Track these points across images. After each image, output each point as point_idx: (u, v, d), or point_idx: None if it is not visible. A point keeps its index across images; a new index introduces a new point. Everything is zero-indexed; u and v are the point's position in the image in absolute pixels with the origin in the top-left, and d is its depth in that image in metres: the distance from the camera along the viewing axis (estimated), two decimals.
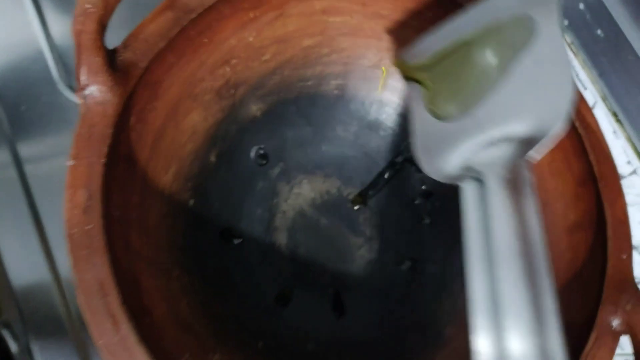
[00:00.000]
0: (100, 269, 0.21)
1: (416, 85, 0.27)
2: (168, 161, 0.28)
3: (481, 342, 0.19)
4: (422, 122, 0.25)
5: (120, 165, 0.24)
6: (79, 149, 0.22)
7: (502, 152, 0.21)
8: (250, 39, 0.29)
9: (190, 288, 0.27)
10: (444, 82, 0.25)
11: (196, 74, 0.28)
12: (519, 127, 0.21)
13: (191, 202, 0.29)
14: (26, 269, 0.34)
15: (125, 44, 0.24)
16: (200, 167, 0.30)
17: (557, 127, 0.20)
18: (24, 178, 0.36)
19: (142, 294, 0.24)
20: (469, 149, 0.23)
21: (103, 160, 0.22)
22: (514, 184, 0.19)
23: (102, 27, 0.23)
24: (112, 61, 0.23)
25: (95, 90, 0.23)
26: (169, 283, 0.26)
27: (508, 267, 0.18)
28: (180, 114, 0.28)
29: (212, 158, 0.30)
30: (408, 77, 0.28)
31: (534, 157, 0.20)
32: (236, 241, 0.31)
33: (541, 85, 0.22)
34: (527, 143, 0.21)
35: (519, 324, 0.18)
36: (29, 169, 0.36)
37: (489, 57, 0.23)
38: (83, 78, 0.22)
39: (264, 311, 0.30)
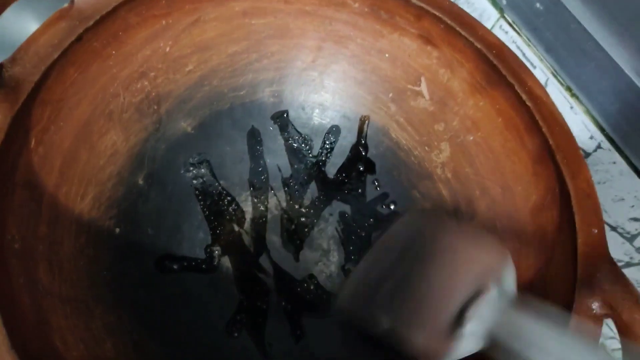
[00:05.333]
0: None
1: None
2: (83, 186, 0.25)
3: None
4: None
5: (17, 193, 0.21)
6: None
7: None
8: (168, 49, 0.27)
9: (118, 327, 0.24)
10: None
11: (108, 90, 0.26)
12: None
13: (117, 230, 0.26)
14: None
15: (14, 58, 0.22)
16: (126, 191, 0.27)
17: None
18: None
19: (51, 335, 0.21)
20: None
21: None
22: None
23: None
24: None
25: None
26: (89, 322, 0.23)
27: None
28: (94, 133, 0.25)
29: (140, 181, 0.28)
30: None
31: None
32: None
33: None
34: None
35: None
36: None
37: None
38: None
39: (210, 343, 0.27)
